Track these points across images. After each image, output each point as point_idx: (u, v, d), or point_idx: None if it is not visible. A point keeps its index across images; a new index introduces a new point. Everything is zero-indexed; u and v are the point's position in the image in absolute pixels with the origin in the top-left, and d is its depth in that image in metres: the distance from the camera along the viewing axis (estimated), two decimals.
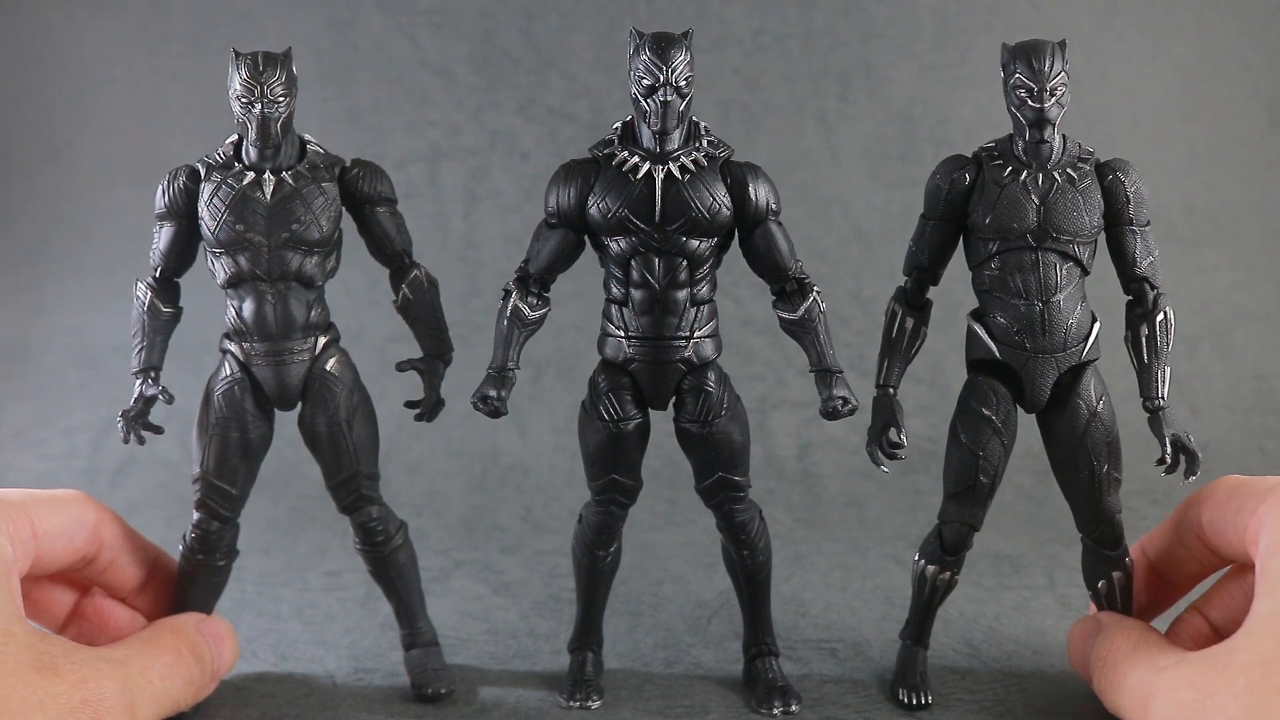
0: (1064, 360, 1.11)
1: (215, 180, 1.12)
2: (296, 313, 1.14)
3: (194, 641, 1.12)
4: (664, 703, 1.17)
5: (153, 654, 1.07)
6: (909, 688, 1.17)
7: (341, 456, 1.17)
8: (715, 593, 1.47)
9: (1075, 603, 1.42)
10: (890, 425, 1.14)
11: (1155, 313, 1.13)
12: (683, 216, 1.09)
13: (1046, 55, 1.08)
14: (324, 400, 1.16)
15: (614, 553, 1.21)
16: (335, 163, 1.16)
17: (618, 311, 1.13)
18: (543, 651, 1.30)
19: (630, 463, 1.15)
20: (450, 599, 1.46)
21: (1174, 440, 1.11)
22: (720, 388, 1.14)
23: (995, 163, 1.11)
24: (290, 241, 1.12)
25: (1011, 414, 1.13)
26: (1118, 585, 1.14)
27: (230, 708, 1.16)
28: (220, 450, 1.15)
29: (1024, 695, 1.18)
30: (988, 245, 1.11)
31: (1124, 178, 1.11)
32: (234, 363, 1.15)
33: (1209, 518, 1.07)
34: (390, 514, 1.21)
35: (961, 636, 1.33)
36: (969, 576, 1.48)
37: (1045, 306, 1.09)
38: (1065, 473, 1.14)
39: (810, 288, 1.15)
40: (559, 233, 1.13)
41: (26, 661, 0.94)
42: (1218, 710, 0.89)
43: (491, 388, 1.13)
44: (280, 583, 1.52)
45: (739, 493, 1.16)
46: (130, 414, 1.17)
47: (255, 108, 1.10)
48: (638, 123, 1.11)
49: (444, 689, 1.17)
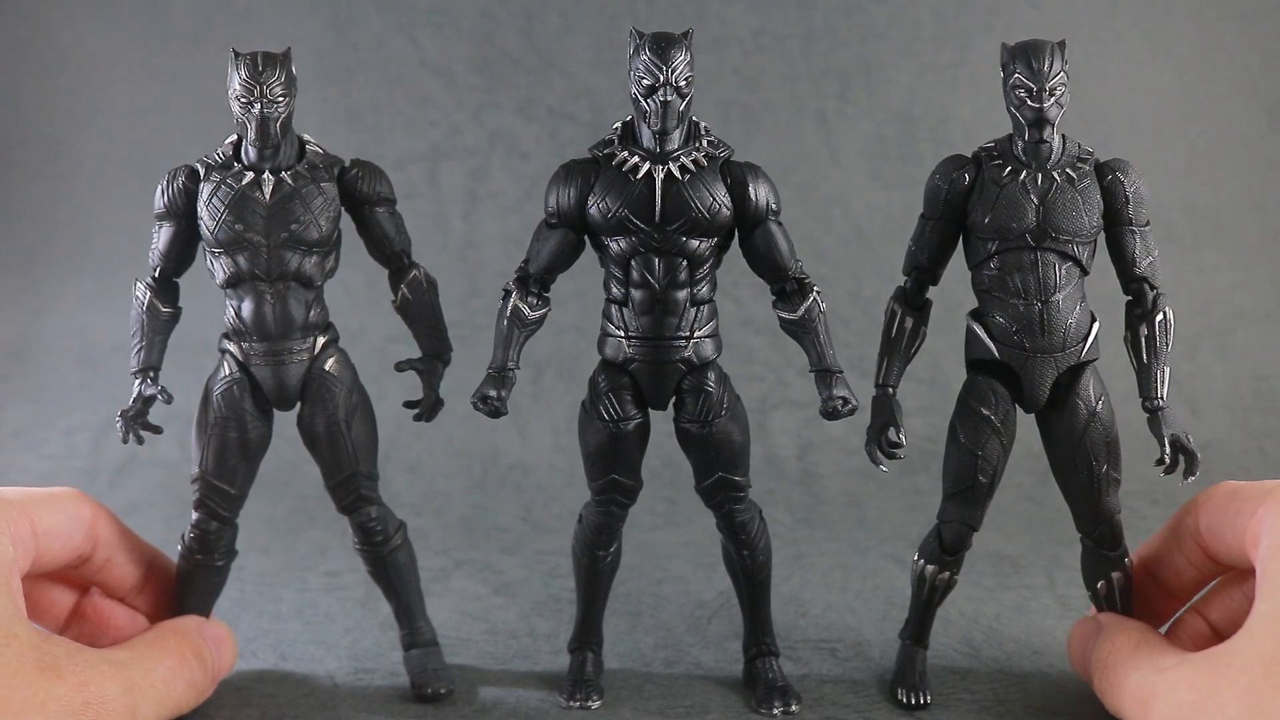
0: (1063, 360, 1.11)
1: (214, 180, 1.12)
2: (295, 313, 1.14)
3: (197, 644, 1.13)
4: (664, 703, 1.17)
5: (156, 656, 1.07)
6: (908, 688, 1.17)
7: (340, 457, 1.17)
8: (715, 593, 1.47)
9: (1075, 603, 1.42)
10: (889, 425, 1.14)
11: (1155, 313, 1.12)
12: (683, 216, 1.09)
13: (1046, 55, 1.08)
14: (322, 400, 1.16)
15: (614, 553, 1.21)
16: (334, 163, 1.16)
17: (618, 311, 1.13)
18: (543, 651, 1.30)
19: (630, 463, 1.15)
20: (450, 599, 1.46)
21: (1173, 440, 1.11)
22: (720, 388, 1.14)
23: (995, 163, 1.11)
24: (289, 241, 1.12)
25: (1010, 414, 1.13)
26: (1117, 586, 1.14)
27: (230, 708, 1.16)
28: (219, 450, 1.15)
29: (1024, 695, 1.18)
30: (987, 245, 1.11)
31: (1123, 178, 1.11)
32: (233, 363, 1.15)
33: (1207, 523, 1.06)
34: (389, 514, 1.21)
35: (961, 636, 1.33)
36: (969, 576, 1.48)
37: (1044, 306, 1.09)
38: (1064, 473, 1.14)
39: (810, 288, 1.15)
40: (559, 233, 1.13)
41: (30, 663, 0.93)
42: (1219, 710, 0.89)
43: (491, 388, 1.13)
44: (280, 583, 1.52)
45: (739, 493, 1.16)
46: (129, 414, 1.17)
47: (254, 108, 1.10)
48: (638, 123, 1.11)
49: (443, 689, 1.18)
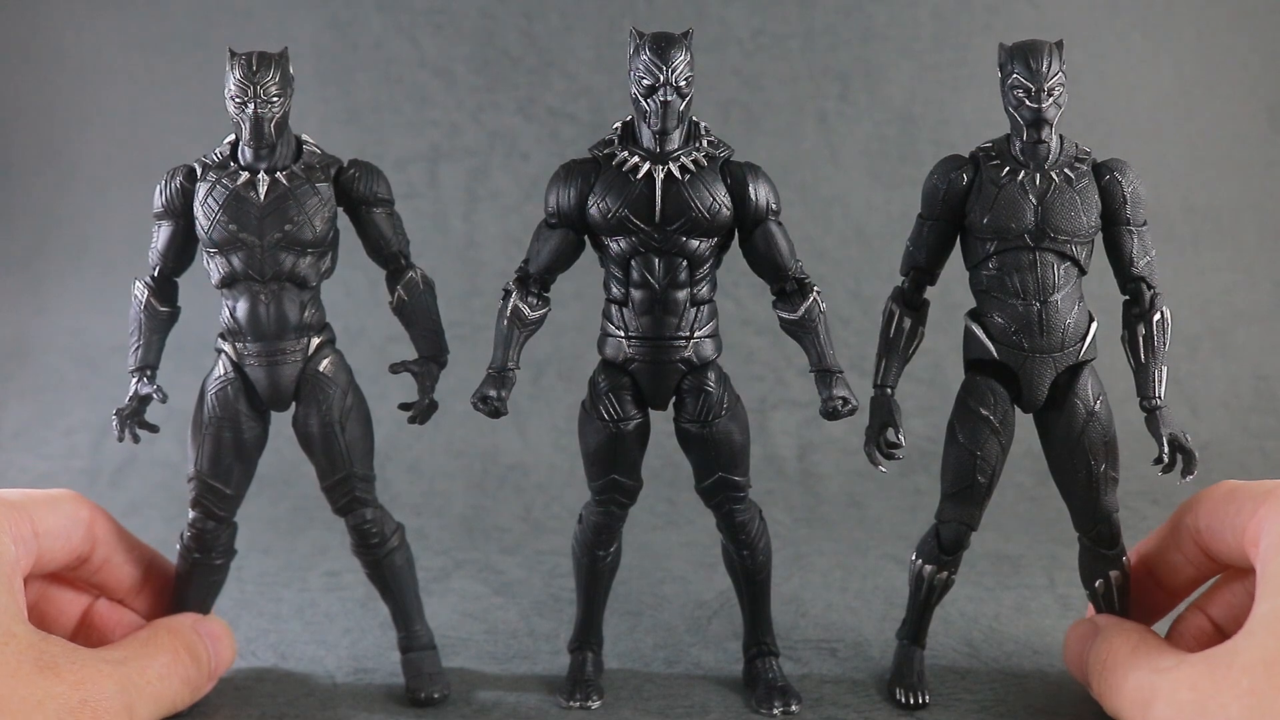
0: (1061, 360, 1.11)
1: (210, 180, 1.12)
2: (290, 313, 1.13)
3: (191, 641, 1.13)
4: (664, 703, 1.17)
5: (150, 654, 1.07)
6: (905, 687, 1.17)
7: (334, 458, 1.16)
8: (715, 593, 1.47)
9: (1075, 603, 1.42)
10: (888, 425, 1.14)
11: (1152, 313, 1.12)
12: (683, 216, 1.09)
13: (1044, 55, 1.08)
14: (316, 401, 1.15)
15: (614, 553, 1.21)
16: (332, 163, 1.15)
17: (618, 311, 1.13)
18: (543, 651, 1.30)
19: (630, 463, 1.15)
20: (450, 599, 1.46)
21: (1171, 440, 1.11)
22: (720, 388, 1.14)
23: (993, 163, 1.11)
24: (283, 242, 1.11)
25: (1009, 414, 1.13)
26: (1115, 585, 1.14)
27: (230, 707, 1.16)
28: (214, 450, 1.15)
29: (1024, 695, 1.18)
30: (985, 245, 1.11)
31: (1121, 178, 1.11)
32: (227, 363, 1.15)
33: (1206, 522, 1.06)
34: (386, 516, 1.20)
35: (961, 636, 1.33)
36: (969, 576, 1.48)
37: (1043, 306, 1.09)
38: (1063, 472, 1.14)
39: (810, 288, 1.14)
40: (559, 233, 1.13)
41: (28, 661, 0.94)
42: (1220, 711, 0.89)
43: (491, 388, 1.13)
44: (280, 583, 1.52)
45: (739, 493, 1.15)
46: (124, 412, 1.17)
47: (248, 108, 1.10)
48: (638, 123, 1.11)
49: (437, 694, 1.17)
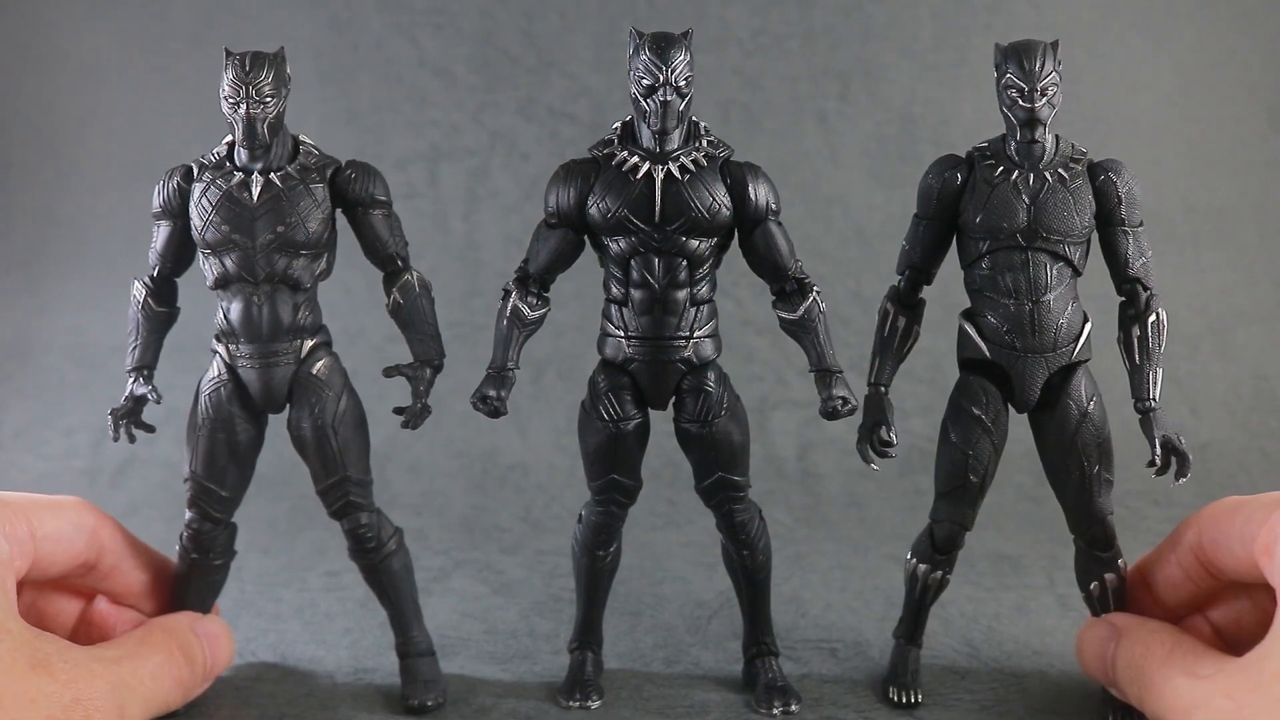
0: (1054, 360, 1.11)
1: (205, 180, 1.12)
2: (283, 315, 1.12)
3: (185, 641, 1.12)
4: (664, 703, 1.17)
5: (144, 654, 1.07)
6: (900, 686, 1.17)
7: (327, 461, 1.15)
8: (715, 593, 1.47)
9: (1075, 603, 1.42)
10: (881, 424, 1.14)
11: (1147, 314, 1.12)
12: (682, 216, 1.09)
13: (1038, 55, 1.08)
14: (309, 404, 1.14)
15: (614, 553, 1.21)
16: (328, 164, 1.14)
17: (617, 311, 1.13)
18: (543, 651, 1.31)
19: (630, 463, 1.15)
20: (450, 599, 1.46)
21: (1164, 441, 1.10)
22: (720, 388, 1.14)
23: (987, 162, 1.11)
24: (276, 244, 1.11)
25: (1002, 414, 1.13)
26: (1110, 587, 1.14)
27: (230, 708, 1.17)
28: (208, 451, 1.14)
29: (1023, 695, 1.18)
30: (978, 244, 1.11)
31: (1116, 178, 1.11)
32: (221, 364, 1.14)
33: (1210, 536, 1.05)
34: (383, 520, 1.18)
35: (961, 636, 1.33)
36: (969, 576, 1.49)
37: (1035, 306, 1.09)
38: (1056, 473, 1.14)
39: (810, 288, 1.15)
40: (559, 233, 1.13)
41: (22, 659, 0.94)
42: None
43: (491, 388, 1.13)
44: (280, 583, 1.52)
45: (739, 493, 1.16)
46: (120, 412, 1.16)
47: (241, 108, 1.09)
48: (637, 123, 1.11)
49: (430, 701, 1.16)
